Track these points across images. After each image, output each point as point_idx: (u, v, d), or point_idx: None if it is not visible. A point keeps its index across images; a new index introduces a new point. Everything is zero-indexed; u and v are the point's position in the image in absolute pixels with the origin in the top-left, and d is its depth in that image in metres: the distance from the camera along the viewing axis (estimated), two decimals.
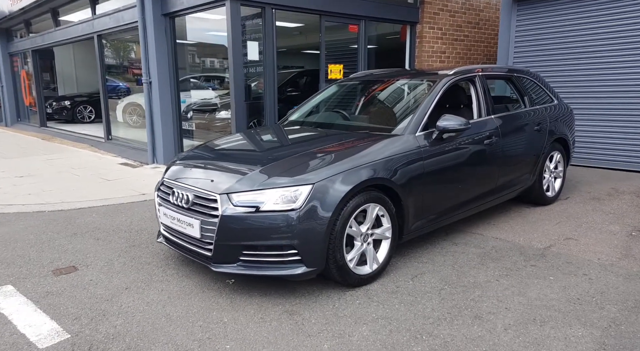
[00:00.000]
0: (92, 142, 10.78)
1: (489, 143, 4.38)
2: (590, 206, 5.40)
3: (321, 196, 3.11)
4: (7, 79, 15.89)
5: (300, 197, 3.08)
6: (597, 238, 4.38)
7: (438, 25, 9.07)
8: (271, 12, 6.76)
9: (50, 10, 11.96)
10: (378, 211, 3.46)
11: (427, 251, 4.11)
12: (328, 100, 5.13)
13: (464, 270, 3.71)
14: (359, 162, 3.38)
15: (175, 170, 3.75)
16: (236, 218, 3.06)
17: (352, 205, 3.25)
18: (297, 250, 3.07)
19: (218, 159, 3.75)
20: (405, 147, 3.70)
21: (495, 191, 4.62)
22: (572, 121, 5.72)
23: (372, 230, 3.48)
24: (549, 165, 5.34)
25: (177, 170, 3.71)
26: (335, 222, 3.16)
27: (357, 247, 3.39)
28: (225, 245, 3.11)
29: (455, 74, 4.45)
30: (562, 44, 7.55)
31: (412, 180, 3.67)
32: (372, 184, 3.40)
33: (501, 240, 4.37)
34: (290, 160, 3.41)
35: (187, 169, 3.66)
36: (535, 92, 5.50)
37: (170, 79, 7.81)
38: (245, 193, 3.12)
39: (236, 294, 3.30)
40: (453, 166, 4.04)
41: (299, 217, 3.04)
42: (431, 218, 3.96)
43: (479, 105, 4.56)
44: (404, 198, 3.61)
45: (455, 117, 3.91)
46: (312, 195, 3.09)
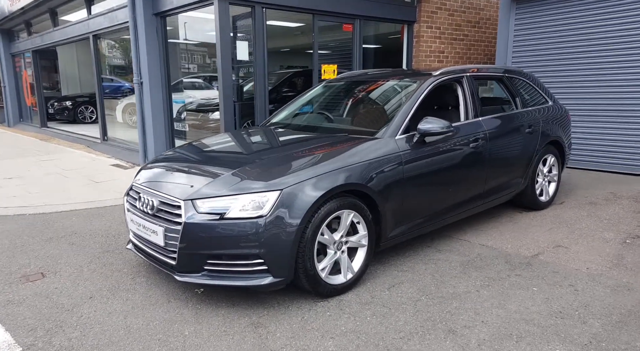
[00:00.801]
0: (89, 143, 10.73)
1: (476, 147, 4.21)
2: (585, 211, 5.21)
3: (290, 203, 2.98)
4: (9, 79, 15.93)
5: (267, 203, 2.94)
6: (588, 246, 4.21)
7: (436, 24, 8.89)
8: (261, 11, 6.64)
9: (48, 11, 11.93)
10: (353, 218, 3.32)
11: (408, 258, 3.96)
12: (313, 101, 4.99)
13: (444, 279, 3.56)
14: (332, 167, 3.24)
15: (145, 174, 3.63)
16: (200, 225, 2.93)
17: (323, 211, 3.11)
18: (263, 259, 2.93)
19: (188, 163, 3.62)
20: (384, 151, 3.56)
21: (484, 196, 4.46)
22: (568, 123, 5.54)
23: (347, 237, 3.34)
24: (542, 169, 5.16)
25: (147, 174, 3.60)
26: (305, 230, 3.02)
27: (330, 256, 3.25)
28: (189, 254, 2.99)
29: (441, 74, 4.29)
30: (561, 44, 7.35)
31: (390, 185, 3.52)
32: (346, 190, 3.26)
33: (488, 247, 4.20)
34: (260, 165, 3.28)
35: (157, 173, 3.55)
36: (529, 93, 5.32)
37: (162, 79, 7.71)
38: (210, 200, 3.00)
39: (203, 304, 3.17)
40: (436, 170, 3.88)
41: (266, 225, 2.90)
42: (412, 225, 3.81)
43: (466, 107, 4.39)
44: (381, 204, 3.46)
45: (437, 119, 3.75)
46: (279, 202, 2.95)
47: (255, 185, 3.01)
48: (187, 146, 4.21)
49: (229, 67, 6.43)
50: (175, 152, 4.06)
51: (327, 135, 3.95)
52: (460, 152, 4.09)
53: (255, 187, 3.00)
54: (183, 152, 3.97)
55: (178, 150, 4.09)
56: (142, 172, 3.74)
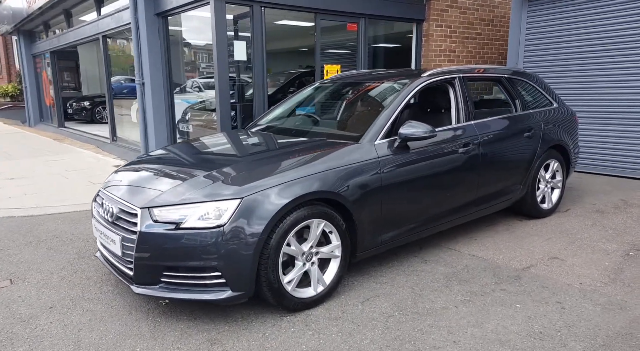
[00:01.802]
0: (99, 143, 10.80)
1: (466, 152, 3.99)
2: (590, 220, 4.92)
3: (251, 212, 2.83)
4: (30, 80, 16.22)
5: (226, 213, 2.80)
6: (586, 258, 3.94)
7: (446, 22, 8.61)
8: (260, 10, 6.50)
9: (63, 12, 12.07)
10: (324, 227, 3.15)
11: (391, 269, 3.76)
12: (303, 103, 4.83)
13: (423, 293, 3.36)
14: (301, 174, 3.08)
15: (114, 177, 3.54)
16: (155, 235, 2.81)
17: (290, 221, 2.95)
18: (220, 272, 2.79)
19: (155, 168, 3.50)
20: (359, 157, 3.37)
21: (476, 203, 4.22)
22: (574, 126, 5.24)
23: (318, 248, 3.17)
24: (543, 175, 4.88)
25: (115, 178, 3.50)
26: (268, 241, 2.87)
27: (298, 268, 3.08)
28: (146, 265, 2.86)
29: (430, 76, 4.07)
30: (574, 44, 7.00)
31: (366, 193, 3.34)
32: (317, 198, 3.09)
33: (477, 258, 3.98)
34: (223, 171, 3.13)
35: (124, 177, 3.44)
36: (533, 95, 5.05)
37: (164, 79, 7.66)
38: (167, 208, 2.87)
39: (164, 317, 3.05)
40: (420, 178, 3.67)
41: (224, 236, 2.76)
42: (393, 235, 3.61)
43: (458, 109, 4.17)
44: (355, 213, 3.28)
45: (419, 123, 3.55)
46: (239, 211, 2.80)
47: (215, 193, 2.87)
48: (158, 151, 4.09)
49: (225, 67, 6.32)
50: (147, 156, 3.95)
51: (306, 140, 3.78)
52: (447, 158, 3.87)
53: (215, 195, 2.86)
54: (153, 158, 3.85)
55: (149, 156, 3.97)
56: (113, 175, 3.65)
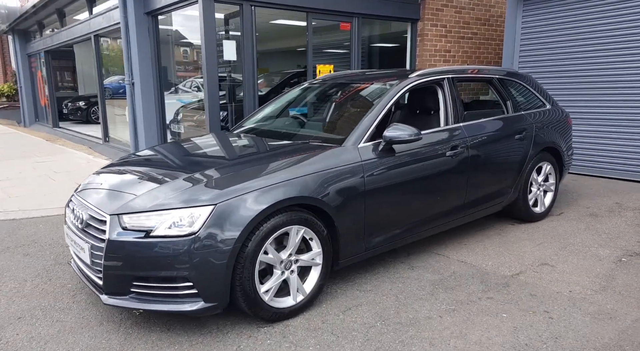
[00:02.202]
0: (92, 144, 10.69)
1: (454, 155, 3.87)
2: (584, 224, 4.80)
3: (225, 219, 2.71)
4: (25, 79, 16.12)
5: (198, 220, 2.68)
6: (577, 265, 3.82)
7: (442, 22, 8.50)
8: (250, 9, 6.39)
9: (56, 11, 11.96)
10: (304, 234, 3.04)
11: (376, 276, 3.65)
12: (290, 103, 4.71)
13: (408, 302, 3.24)
14: (279, 179, 2.96)
15: (88, 182, 3.42)
16: (124, 244, 2.69)
17: (267, 228, 2.83)
18: (192, 282, 2.68)
19: (133, 171, 3.38)
20: (342, 161, 3.26)
21: (465, 208, 4.11)
22: (568, 128, 5.12)
23: (297, 256, 3.06)
24: (536, 178, 4.77)
25: (89, 183, 3.38)
26: (244, 249, 2.76)
27: (276, 277, 2.97)
28: (115, 275, 2.75)
29: (417, 77, 3.96)
30: (570, 44, 6.88)
31: (349, 198, 3.23)
32: (296, 203, 2.98)
33: (466, 264, 3.86)
34: (197, 176, 3.01)
35: (100, 181, 3.32)
36: (525, 96, 4.93)
37: (154, 79, 7.55)
38: (137, 215, 2.75)
39: (136, 328, 2.94)
40: (406, 182, 3.56)
41: (196, 244, 2.64)
42: (378, 241, 3.50)
43: (446, 111, 4.05)
44: (337, 219, 3.17)
45: (404, 126, 3.44)
46: (212, 218, 2.69)
47: (187, 199, 2.76)
48: (139, 153, 3.98)
49: (214, 67, 6.20)
50: (126, 159, 3.83)
51: (288, 143, 3.67)
52: (434, 161, 3.76)
53: (187, 202, 2.75)
54: (132, 161, 3.73)
55: (127, 158, 3.85)
56: (90, 177, 3.54)
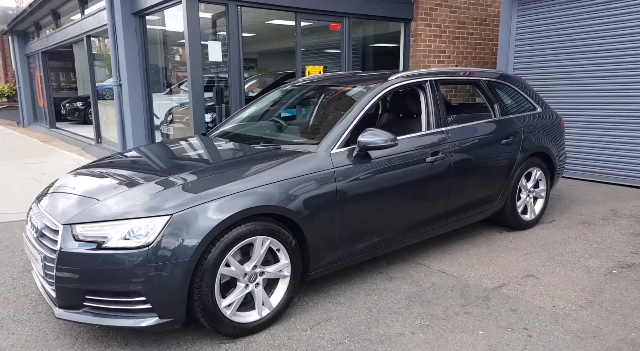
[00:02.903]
0: (84, 145, 10.59)
1: (434, 161, 3.71)
2: (575, 232, 4.62)
3: (181, 230, 2.57)
4: (24, 80, 16.08)
5: (153, 231, 2.54)
6: (565, 277, 3.65)
7: (436, 22, 8.33)
8: (236, 9, 6.25)
9: (51, 12, 11.88)
10: (270, 244, 2.90)
11: (351, 287, 3.50)
12: (269, 106, 4.57)
13: (381, 316, 3.09)
14: (244, 186, 2.82)
15: (51, 188, 3.29)
16: (75, 255, 2.55)
17: (228, 239, 2.69)
18: (145, 297, 2.54)
19: (99, 175, 3.24)
20: (313, 167, 3.11)
21: (447, 216, 3.95)
22: (560, 132, 4.94)
23: (263, 267, 2.91)
24: (525, 184, 4.60)
25: (51, 189, 3.25)
26: (202, 262, 2.62)
27: (239, 290, 2.82)
28: (67, 288, 2.61)
29: (397, 79, 3.80)
30: (566, 45, 6.69)
31: (320, 207, 3.08)
32: (261, 213, 2.84)
33: (447, 275, 3.70)
34: (156, 184, 2.86)
35: (61, 188, 3.19)
36: (515, 99, 4.76)
37: (141, 80, 7.42)
38: (90, 225, 2.62)
39: (92, 343, 2.80)
40: (382, 189, 3.41)
41: (149, 257, 2.50)
42: (352, 251, 3.35)
43: (428, 115, 3.90)
44: (307, 229, 3.02)
45: (380, 131, 3.28)
46: (168, 229, 2.55)
47: (142, 209, 2.62)
48: (109, 157, 3.83)
49: (198, 68, 6.08)
50: (94, 163, 3.69)
51: (259, 148, 3.52)
52: (413, 168, 3.60)
53: (142, 211, 2.61)
54: (98, 166, 3.57)
55: (95, 163, 3.70)
56: (57, 181, 3.40)
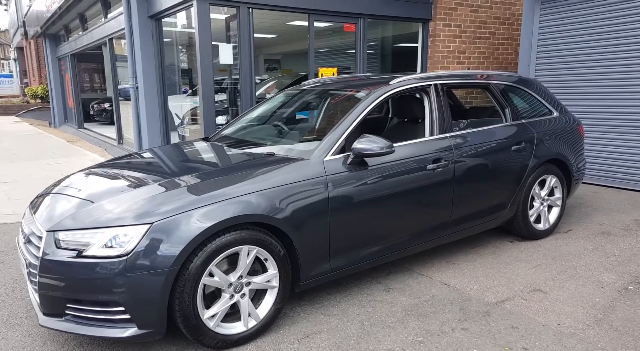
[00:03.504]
0: (107, 145, 10.76)
1: (436, 168, 3.56)
2: (592, 244, 4.39)
3: (162, 239, 2.52)
4: (55, 82, 16.51)
5: (132, 240, 2.50)
6: (575, 292, 3.46)
7: (455, 22, 8.11)
8: (247, 11, 6.21)
9: (78, 16, 12.12)
10: (257, 254, 2.82)
11: (346, 298, 3.39)
12: (272, 111, 4.49)
13: (373, 330, 2.97)
14: (230, 194, 2.75)
15: (46, 192, 3.28)
16: (56, 263, 2.53)
17: (211, 249, 2.62)
18: (124, 307, 2.49)
19: (82, 185, 3.20)
20: (304, 175, 3.02)
21: (451, 225, 3.79)
22: (578, 137, 4.71)
23: (250, 278, 2.84)
24: (538, 192, 4.39)
25: (55, 189, 3.24)
26: (184, 272, 2.56)
27: (224, 300, 2.76)
28: (49, 296, 2.59)
29: (399, 84, 3.67)
30: (591, 45, 6.40)
31: (311, 216, 2.99)
32: (248, 221, 2.76)
33: (449, 287, 3.55)
34: (140, 191, 2.82)
35: (63, 190, 3.18)
36: (529, 103, 4.56)
37: (157, 83, 7.46)
38: (72, 233, 2.59)
39: (79, 349, 2.77)
40: (378, 198, 3.29)
41: (127, 267, 2.46)
42: (346, 262, 3.24)
43: (432, 120, 3.75)
44: (296, 238, 2.94)
45: (375, 138, 3.17)
46: (147, 238, 2.50)
47: (123, 217, 2.58)
48: (105, 162, 3.79)
49: (209, 71, 6.05)
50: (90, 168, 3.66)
51: (253, 153, 3.45)
52: (413, 176, 3.46)
53: (122, 219, 2.56)
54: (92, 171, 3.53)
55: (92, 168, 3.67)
56: (63, 180, 3.41)
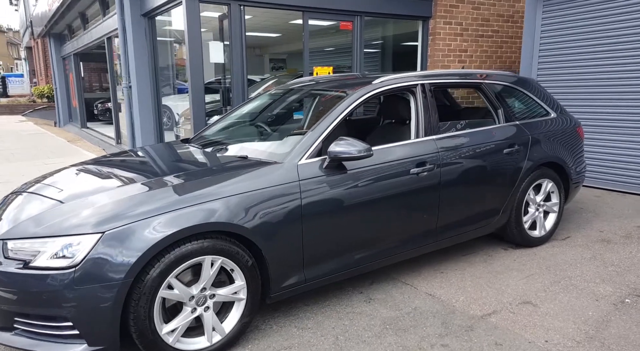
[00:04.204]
0: (106, 145, 10.68)
1: (420, 172, 3.37)
2: (591, 252, 4.17)
3: (114, 249, 2.36)
4: (60, 81, 16.51)
5: (81, 250, 2.34)
6: (567, 305, 3.24)
7: (457, 19, 7.88)
8: (238, 9, 6.05)
9: (79, 15, 12.07)
10: (223, 264, 2.66)
11: (323, 309, 3.21)
12: (256, 111, 4.32)
13: (347, 345, 2.79)
14: (193, 201, 2.59)
15: (32, 187, 3.13)
16: (3, 274, 2.38)
17: (170, 259, 2.46)
18: (72, 322, 2.34)
19: (44, 189, 3.05)
20: (274, 180, 2.84)
21: (437, 232, 3.59)
22: (576, 140, 4.48)
23: (214, 289, 2.67)
24: (533, 198, 4.17)
25: (32, 188, 3.10)
26: (139, 284, 2.40)
27: (185, 314, 2.60)
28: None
29: (382, 83, 3.48)
30: (594, 43, 6.15)
31: (282, 223, 2.82)
32: (211, 230, 2.60)
33: (434, 298, 3.35)
34: (97, 197, 2.66)
35: (19, 195, 3.04)
36: (525, 104, 4.35)
37: (150, 82, 7.33)
38: (20, 241, 2.44)
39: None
40: (356, 204, 3.10)
41: (76, 279, 2.30)
42: (321, 272, 3.06)
43: (417, 122, 3.56)
44: (265, 248, 2.77)
45: (353, 140, 2.99)
46: (98, 248, 2.34)
47: (73, 226, 2.42)
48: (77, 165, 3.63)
49: (199, 71, 5.91)
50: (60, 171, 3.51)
51: (225, 158, 3.28)
52: (395, 180, 3.27)
53: (72, 228, 2.41)
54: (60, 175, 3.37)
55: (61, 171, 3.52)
56: (42, 178, 3.27)
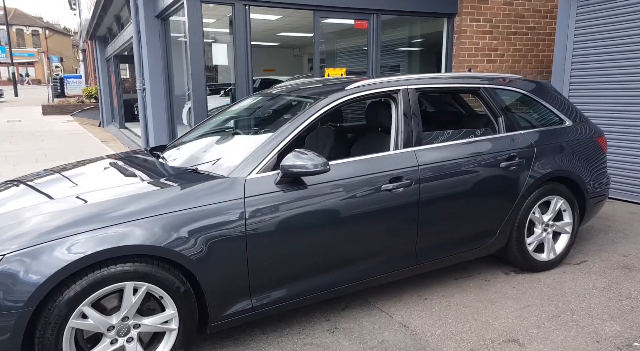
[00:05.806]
0: (135, 146, 10.77)
1: (394, 189, 2.99)
2: (606, 281, 3.63)
3: (16, 274, 2.15)
4: (104, 83, 17.00)
5: None
6: (559, 346, 2.78)
7: (485, 16, 7.32)
8: (243, 8, 5.82)
9: (114, 18, 12.28)
10: (149, 290, 2.41)
11: (279, 339, 2.90)
12: (232, 117, 4.04)
13: None
14: (112, 219, 2.35)
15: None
16: None
17: (82, 285, 2.24)
18: None
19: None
20: (216, 197, 2.57)
21: (416, 255, 3.20)
22: (596, 150, 3.94)
23: (139, 319, 2.43)
24: (539, 217, 3.68)
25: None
26: (44, 312, 2.19)
27: (103, 345, 2.37)
28: None
29: (358, 89, 3.13)
30: (632, 41, 5.50)
31: (221, 245, 2.54)
32: (133, 253, 2.35)
33: (407, 329, 2.97)
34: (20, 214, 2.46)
35: None
36: (536, 110, 3.87)
37: (164, 84, 7.26)
38: None
39: None
40: (315, 224, 2.78)
41: None
42: (272, 299, 2.76)
43: (397, 132, 3.18)
44: (201, 274, 2.50)
45: (310, 154, 2.67)
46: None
47: None
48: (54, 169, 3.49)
49: (201, 72, 5.72)
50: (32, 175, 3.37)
51: (173, 169, 3.03)
52: (363, 198, 2.91)
53: None
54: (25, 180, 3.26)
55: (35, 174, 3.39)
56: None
